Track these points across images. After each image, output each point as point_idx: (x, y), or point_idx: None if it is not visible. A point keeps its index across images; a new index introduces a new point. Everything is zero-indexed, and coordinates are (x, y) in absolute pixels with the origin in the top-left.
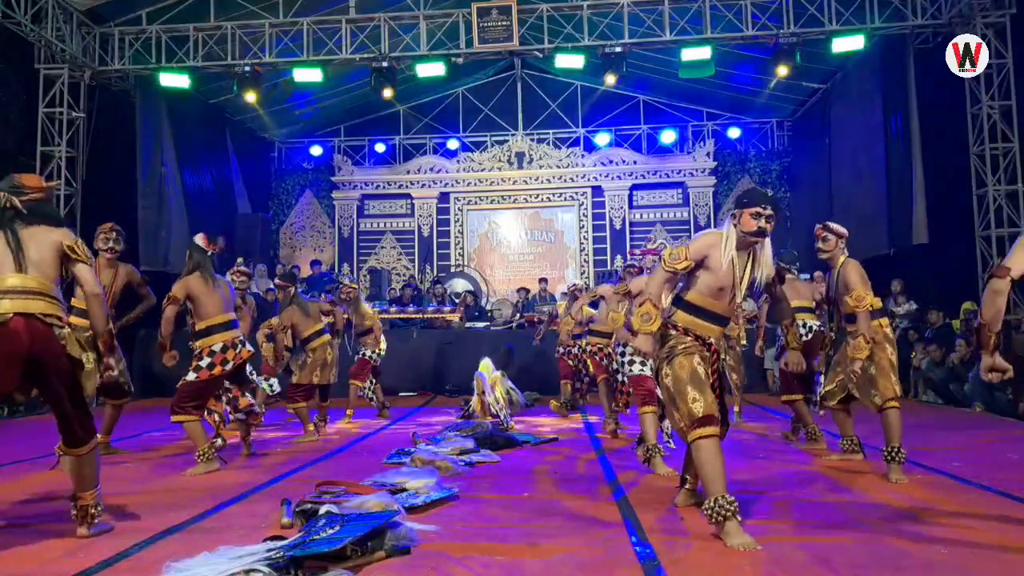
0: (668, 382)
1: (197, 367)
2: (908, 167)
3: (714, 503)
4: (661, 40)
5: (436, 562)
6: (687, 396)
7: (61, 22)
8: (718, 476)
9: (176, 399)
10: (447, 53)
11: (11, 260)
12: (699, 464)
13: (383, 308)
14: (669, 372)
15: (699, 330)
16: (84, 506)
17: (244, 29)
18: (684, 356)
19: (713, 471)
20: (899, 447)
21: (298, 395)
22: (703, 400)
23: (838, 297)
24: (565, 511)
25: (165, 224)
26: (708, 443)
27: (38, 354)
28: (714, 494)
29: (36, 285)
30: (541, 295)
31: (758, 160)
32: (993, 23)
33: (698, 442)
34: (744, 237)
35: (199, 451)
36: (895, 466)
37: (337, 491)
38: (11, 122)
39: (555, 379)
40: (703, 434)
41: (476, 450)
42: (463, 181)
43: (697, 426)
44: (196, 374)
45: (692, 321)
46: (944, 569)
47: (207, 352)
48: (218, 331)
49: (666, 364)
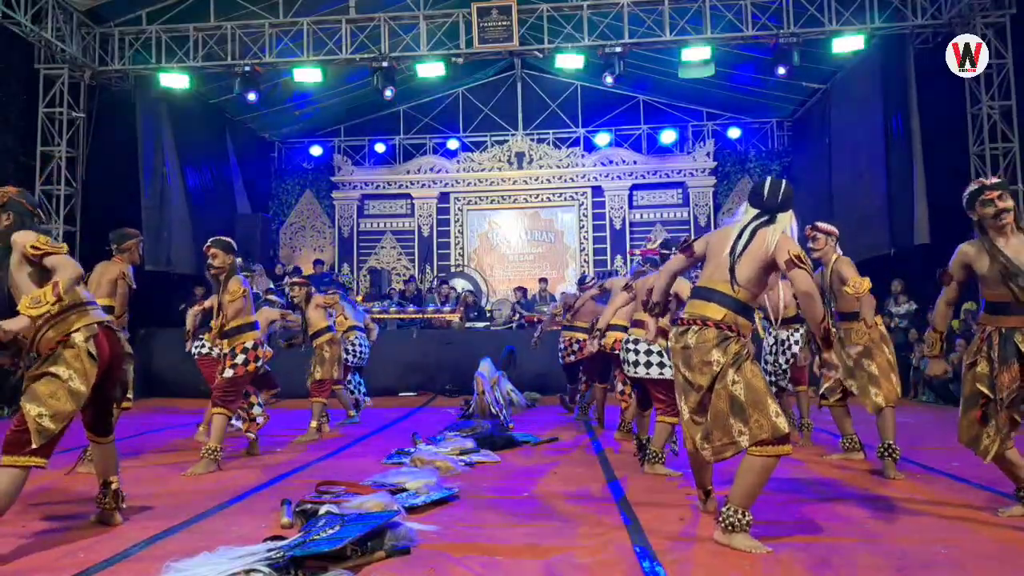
0: (738, 390)
1: (233, 364)
2: (908, 167)
3: (739, 514)
4: (661, 40)
5: (436, 562)
6: (769, 409)
7: (61, 22)
8: (758, 493)
9: (218, 393)
10: (447, 53)
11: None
12: (756, 476)
13: (383, 308)
14: (739, 379)
15: (746, 330)
16: (116, 489)
17: (244, 29)
18: (752, 363)
19: (760, 488)
20: (893, 444)
21: (322, 391)
22: (784, 416)
23: (832, 293)
24: (565, 511)
25: (167, 224)
26: (776, 463)
27: (115, 359)
28: (743, 506)
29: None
30: (541, 295)
31: (758, 160)
32: (993, 23)
33: (774, 460)
34: None
35: (207, 448)
36: (889, 462)
37: (337, 491)
38: (11, 122)
39: (555, 379)
40: (784, 452)
41: (476, 450)
42: (463, 181)
43: (781, 443)
44: (233, 370)
45: (745, 323)
46: (944, 569)
47: (240, 349)
48: (247, 330)
49: (733, 370)
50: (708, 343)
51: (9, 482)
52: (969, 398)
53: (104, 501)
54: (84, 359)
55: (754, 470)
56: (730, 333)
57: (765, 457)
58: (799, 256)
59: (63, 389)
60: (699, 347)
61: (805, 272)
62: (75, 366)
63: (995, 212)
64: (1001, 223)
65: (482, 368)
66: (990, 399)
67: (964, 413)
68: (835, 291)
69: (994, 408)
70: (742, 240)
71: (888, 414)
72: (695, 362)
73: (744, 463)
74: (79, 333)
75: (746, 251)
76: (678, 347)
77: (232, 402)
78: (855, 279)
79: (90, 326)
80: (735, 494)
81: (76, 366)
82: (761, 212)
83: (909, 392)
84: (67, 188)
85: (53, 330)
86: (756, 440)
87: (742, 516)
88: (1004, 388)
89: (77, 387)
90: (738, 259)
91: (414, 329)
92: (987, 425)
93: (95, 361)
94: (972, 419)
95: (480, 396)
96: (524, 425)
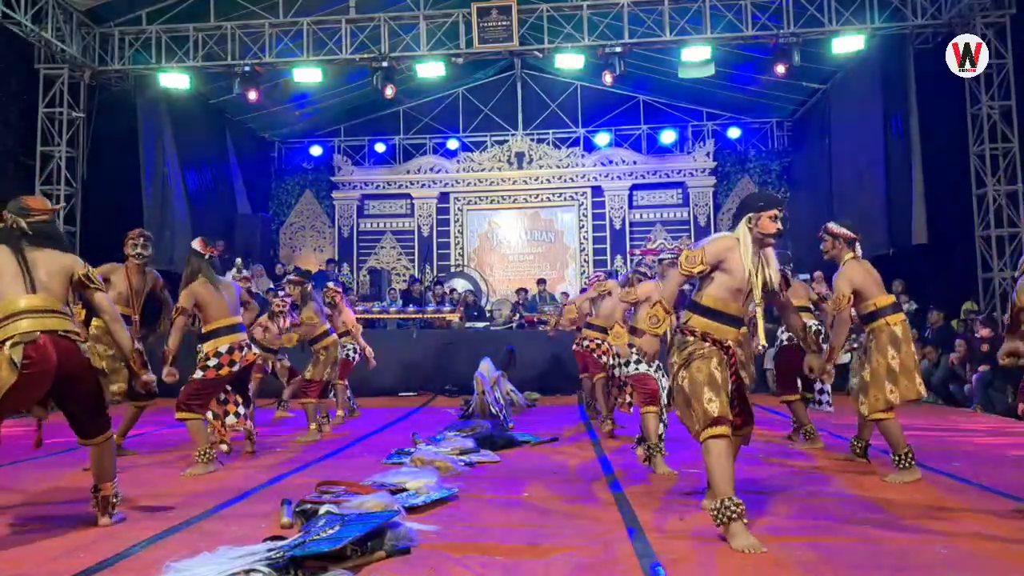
0: (684, 384)
1: (204, 366)
2: (908, 167)
3: (721, 504)
4: (661, 40)
5: (436, 562)
6: (703, 397)
7: (61, 22)
8: (726, 477)
9: (181, 396)
10: (447, 53)
11: (22, 281)
12: (708, 465)
13: (384, 308)
14: (686, 376)
15: (716, 333)
16: (105, 496)
17: (244, 29)
18: (701, 360)
19: (722, 472)
20: (907, 452)
21: (310, 391)
22: (718, 401)
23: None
24: (565, 511)
25: (169, 224)
26: (719, 443)
27: (67, 370)
28: (721, 495)
29: (46, 304)
30: (541, 295)
31: (758, 160)
32: (993, 23)
33: (708, 442)
34: (762, 239)
35: (198, 451)
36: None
37: (337, 491)
38: (11, 122)
39: (555, 379)
40: (714, 433)
41: (476, 450)
42: (463, 181)
43: (710, 425)
44: (203, 373)
45: (709, 324)
46: (944, 569)
47: (213, 353)
48: (224, 333)
49: (683, 369)
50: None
51: None
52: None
53: (94, 502)
54: (3, 365)
55: (705, 456)
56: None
57: (705, 440)
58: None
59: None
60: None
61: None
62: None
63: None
64: None
65: (482, 368)
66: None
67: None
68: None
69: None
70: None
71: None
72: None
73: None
74: (8, 341)
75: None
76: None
77: (198, 406)
78: (837, 295)
79: (28, 333)
80: (710, 485)
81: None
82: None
83: None
84: (67, 188)
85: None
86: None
87: (725, 503)
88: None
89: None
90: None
91: (414, 329)
92: None
93: (14, 369)
94: None
95: (480, 396)
96: (524, 425)
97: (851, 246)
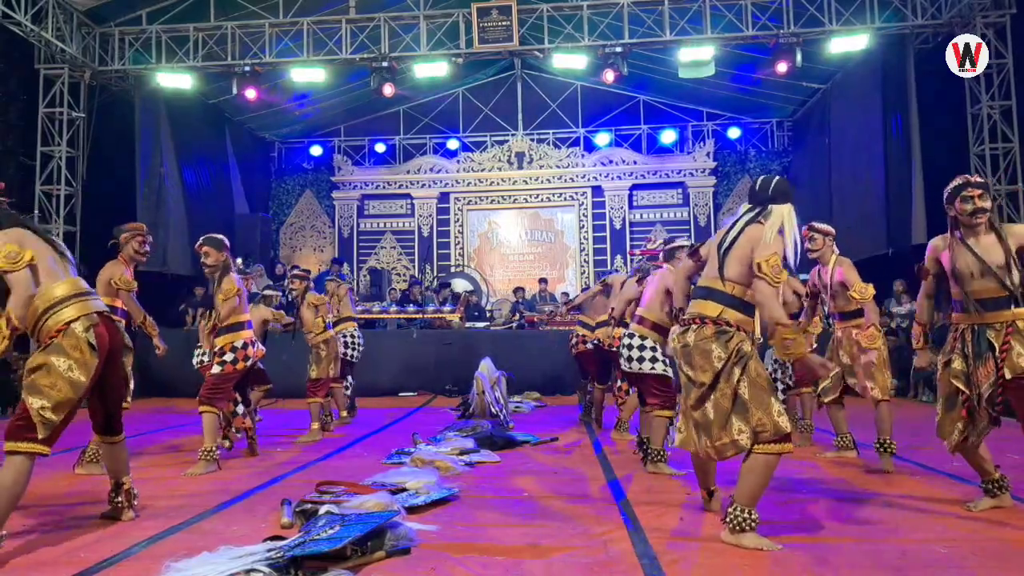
0: (742, 388)
1: (222, 361)
2: (908, 167)
3: (745, 513)
4: (661, 40)
5: (436, 562)
6: (772, 408)
7: (61, 22)
8: (762, 492)
9: (204, 391)
10: (447, 53)
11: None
12: (758, 475)
13: (384, 308)
14: (744, 378)
15: (748, 327)
16: (129, 489)
17: (244, 29)
18: (756, 361)
19: (764, 486)
20: (888, 440)
21: (318, 391)
22: (787, 415)
23: (833, 293)
24: (565, 511)
25: (164, 224)
26: (778, 460)
27: (114, 349)
28: (749, 505)
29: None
30: (541, 295)
31: (758, 160)
32: (993, 23)
33: (771, 458)
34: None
35: (204, 448)
36: (886, 457)
37: (337, 491)
38: (11, 122)
39: (555, 379)
40: (785, 450)
41: (476, 450)
42: (463, 181)
43: (783, 441)
44: (221, 368)
45: (743, 319)
46: (944, 569)
47: (229, 348)
48: (239, 329)
49: (738, 369)
50: (706, 340)
51: (15, 473)
52: (948, 397)
53: (116, 499)
54: (84, 349)
55: (756, 469)
56: (728, 328)
57: (767, 455)
58: (761, 264)
59: (63, 380)
60: (698, 344)
61: (765, 283)
62: (74, 356)
63: (972, 210)
64: (975, 221)
65: (482, 368)
66: (968, 396)
67: (945, 412)
68: (833, 291)
69: (973, 405)
70: (730, 236)
71: (884, 408)
72: (696, 359)
73: (747, 462)
74: (78, 323)
75: (733, 247)
76: (679, 346)
77: (219, 400)
78: (859, 285)
79: (89, 315)
80: (740, 493)
81: (75, 356)
82: (753, 206)
83: (910, 392)
84: (67, 188)
85: (52, 319)
86: (758, 439)
87: (749, 515)
88: (981, 383)
89: (77, 377)
90: (726, 255)
91: (414, 329)
92: (972, 422)
93: (95, 351)
94: (956, 417)
95: (480, 396)
96: (524, 425)
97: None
